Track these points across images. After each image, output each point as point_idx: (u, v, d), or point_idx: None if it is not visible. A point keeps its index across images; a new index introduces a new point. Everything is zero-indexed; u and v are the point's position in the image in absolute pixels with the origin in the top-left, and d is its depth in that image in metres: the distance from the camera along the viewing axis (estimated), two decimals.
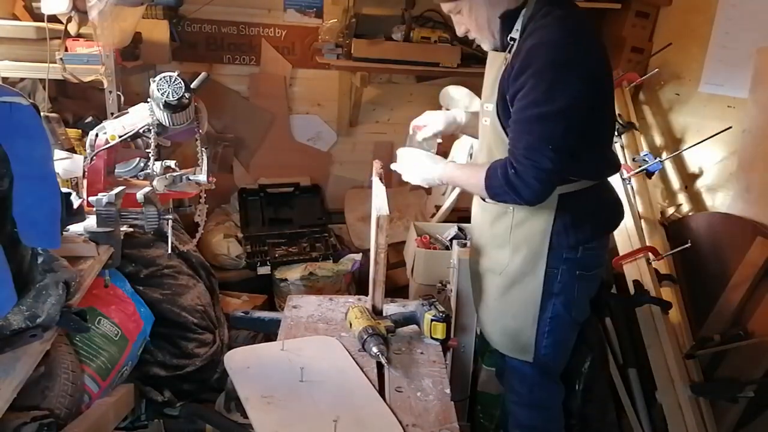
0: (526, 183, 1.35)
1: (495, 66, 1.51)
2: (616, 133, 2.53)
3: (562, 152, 1.34)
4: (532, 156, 1.34)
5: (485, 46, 1.56)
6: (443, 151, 2.21)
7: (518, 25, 1.42)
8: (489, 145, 1.58)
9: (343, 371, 1.42)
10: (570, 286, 1.58)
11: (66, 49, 2.23)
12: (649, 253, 2.16)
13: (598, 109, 1.42)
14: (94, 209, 1.53)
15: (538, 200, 1.41)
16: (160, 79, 1.62)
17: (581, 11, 1.45)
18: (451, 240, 2.44)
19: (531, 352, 1.64)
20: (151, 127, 1.71)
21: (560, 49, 1.32)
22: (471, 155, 2.60)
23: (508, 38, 1.44)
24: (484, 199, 1.64)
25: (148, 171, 1.90)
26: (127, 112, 1.83)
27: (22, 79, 2.38)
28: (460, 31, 1.55)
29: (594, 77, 1.37)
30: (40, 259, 1.26)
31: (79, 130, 2.29)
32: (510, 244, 1.59)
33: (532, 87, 1.31)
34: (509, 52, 1.43)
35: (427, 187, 1.74)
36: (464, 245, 2.09)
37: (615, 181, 2.33)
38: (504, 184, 1.38)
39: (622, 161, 2.44)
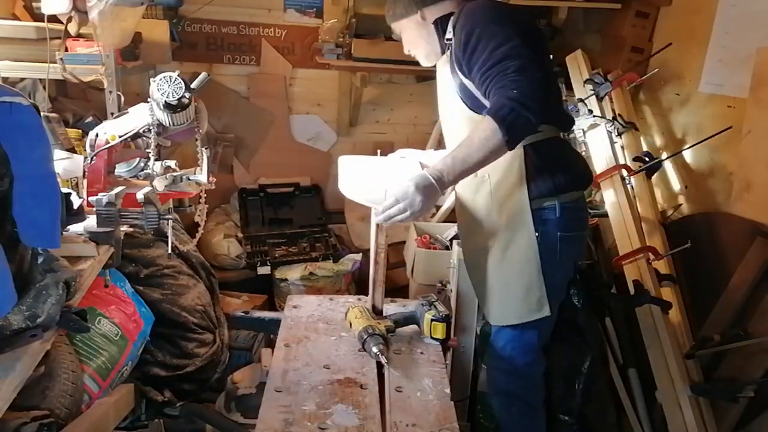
0: (530, 93, 1.34)
1: (444, 68, 1.63)
2: (615, 133, 2.54)
3: (539, 68, 1.40)
4: (526, 72, 1.36)
5: (422, 61, 1.73)
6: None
7: (450, 26, 1.57)
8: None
9: None
10: (552, 248, 1.59)
11: (66, 49, 2.23)
12: (649, 253, 2.16)
13: (539, 54, 1.47)
14: (94, 209, 1.53)
15: (542, 111, 1.39)
16: (160, 79, 1.62)
17: None
18: (451, 240, 2.44)
19: (547, 304, 1.61)
20: (151, 127, 1.71)
21: (494, 9, 1.50)
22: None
23: (445, 40, 1.60)
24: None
25: (148, 171, 1.90)
26: (127, 112, 1.83)
27: (22, 79, 2.38)
28: (405, 51, 1.76)
29: (526, 22, 1.55)
30: (40, 259, 1.26)
31: (79, 130, 2.29)
32: (494, 207, 1.62)
33: (487, 41, 1.42)
34: (448, 50, 1.58)
35: (434, 210, 1.67)
36: None
37: (616, 181, 2.35)
38: (510, 103, 1.33)
39: (621, 161, 2.44)
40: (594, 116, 2.54)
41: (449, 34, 1.57)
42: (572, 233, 1.62)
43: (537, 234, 1.57)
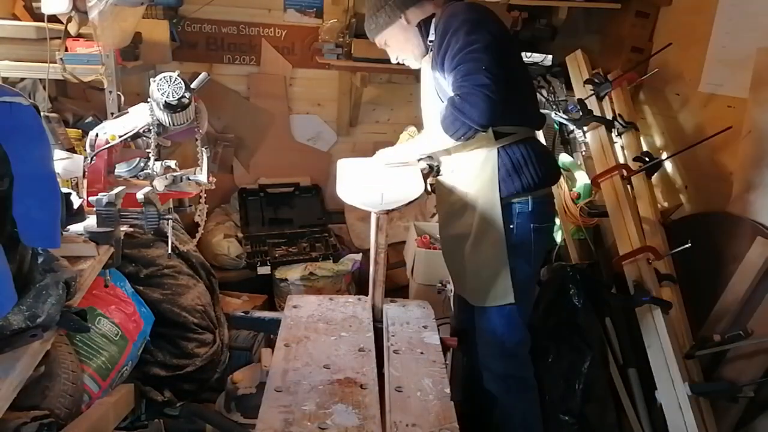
0: (471, 102, 1.52)
1: (426, 66, 1.78)
2: (615, 133, 2.54)
3: (494, 74, 1.52)
4: (471, 79, 1.52)
5: (412, 64, 1.84)
6: None
7: (432, 28, 1.71)
8: None
9: None
10: (527, 240, 1.74)
11: (66, 49, 2.23)
12: (649, 253, 2.16)
13: (509, 56, 1.65)
14: (94, 209, 1.53)
15: (486, 118, 1.54)
16: (160, 79, 1.62)
17: None
18: None
19: (512, 293, 1.76)
20: (151, 127, 1.71)
21: (470, 11, 1.63)
22: None
23: (428, 41, 1.74)
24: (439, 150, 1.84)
25: (148, 171, 1.90)
26: (127, 112, 1.83)
27: (22, 79, 2.38)
28: (393, 59, 1.87)
29: (500, 29, 1.66)
30: (40, 259, 1.26)
31: (79, 130, 2.29)
32: (468, 203, 1.77)
33: (456, 40, 1.56)
34: (431, 51, 1.72)
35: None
36: None
37: (616, 181, 2.35)
38: (453, 111, 1.55)
39: (621, 161, 2.44)
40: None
41: (432, 36, 1.71)
42: (544, 225, 1.79)
43: (512, 226, 1.72)
